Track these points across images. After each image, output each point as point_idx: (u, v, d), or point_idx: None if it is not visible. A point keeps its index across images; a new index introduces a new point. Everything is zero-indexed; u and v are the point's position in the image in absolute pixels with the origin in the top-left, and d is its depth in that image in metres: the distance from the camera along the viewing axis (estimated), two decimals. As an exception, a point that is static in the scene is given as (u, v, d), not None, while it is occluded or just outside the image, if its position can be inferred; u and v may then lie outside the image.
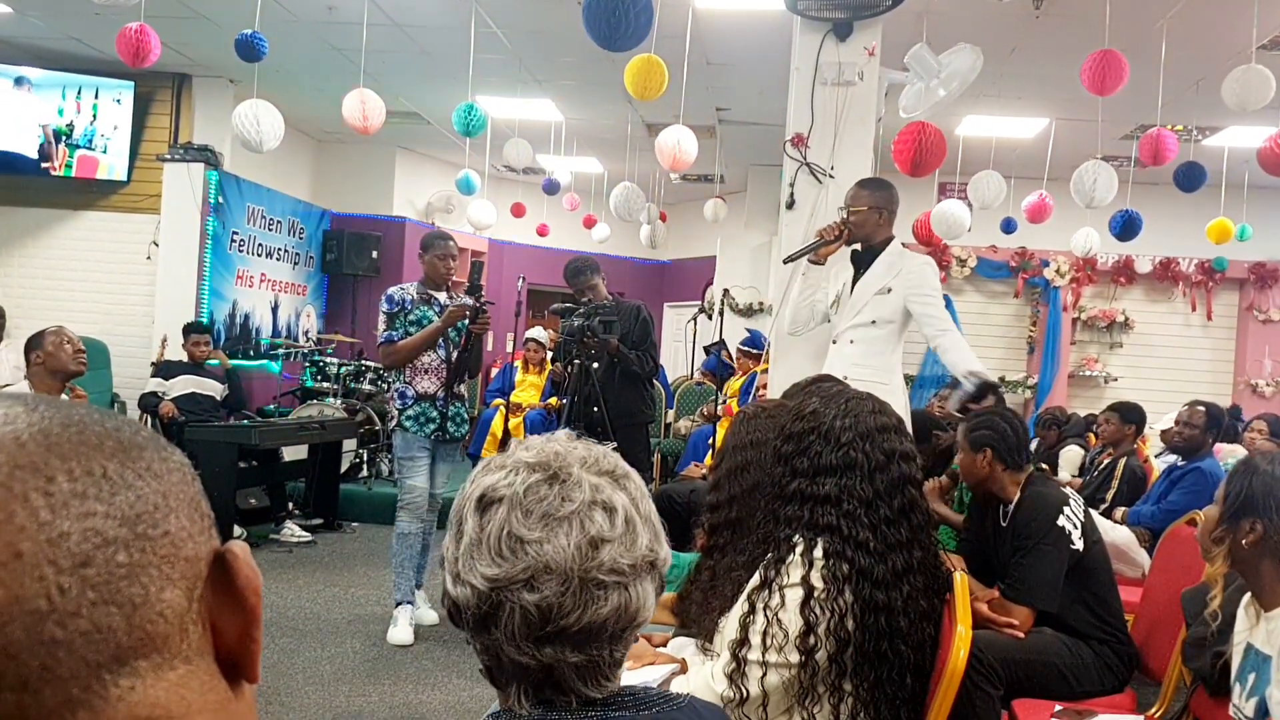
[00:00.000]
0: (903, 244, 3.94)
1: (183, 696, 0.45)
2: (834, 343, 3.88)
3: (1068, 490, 3.06)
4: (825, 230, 3.86)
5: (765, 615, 1.90)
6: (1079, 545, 2.85)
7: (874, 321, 3.74)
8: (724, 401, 7.12)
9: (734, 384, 7.55)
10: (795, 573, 1.91)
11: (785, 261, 4.10)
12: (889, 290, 3.73)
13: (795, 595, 1.89)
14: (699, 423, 7.56)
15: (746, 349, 7.66)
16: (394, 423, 4.63)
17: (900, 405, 3.63)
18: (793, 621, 1.87)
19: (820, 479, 1.98)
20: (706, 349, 8.27)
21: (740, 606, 1.96)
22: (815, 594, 1.88)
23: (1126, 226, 6.77)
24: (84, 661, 0.41)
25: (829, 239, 3.82)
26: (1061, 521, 2.84)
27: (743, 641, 1.90)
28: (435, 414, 4.56)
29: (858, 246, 3.87)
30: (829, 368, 3.73)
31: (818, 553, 1.92)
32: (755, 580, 1.97)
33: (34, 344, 3.99)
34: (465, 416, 4.79)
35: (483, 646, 1.04)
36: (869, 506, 1.96)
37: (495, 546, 1.01)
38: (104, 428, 0.46)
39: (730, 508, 2.32)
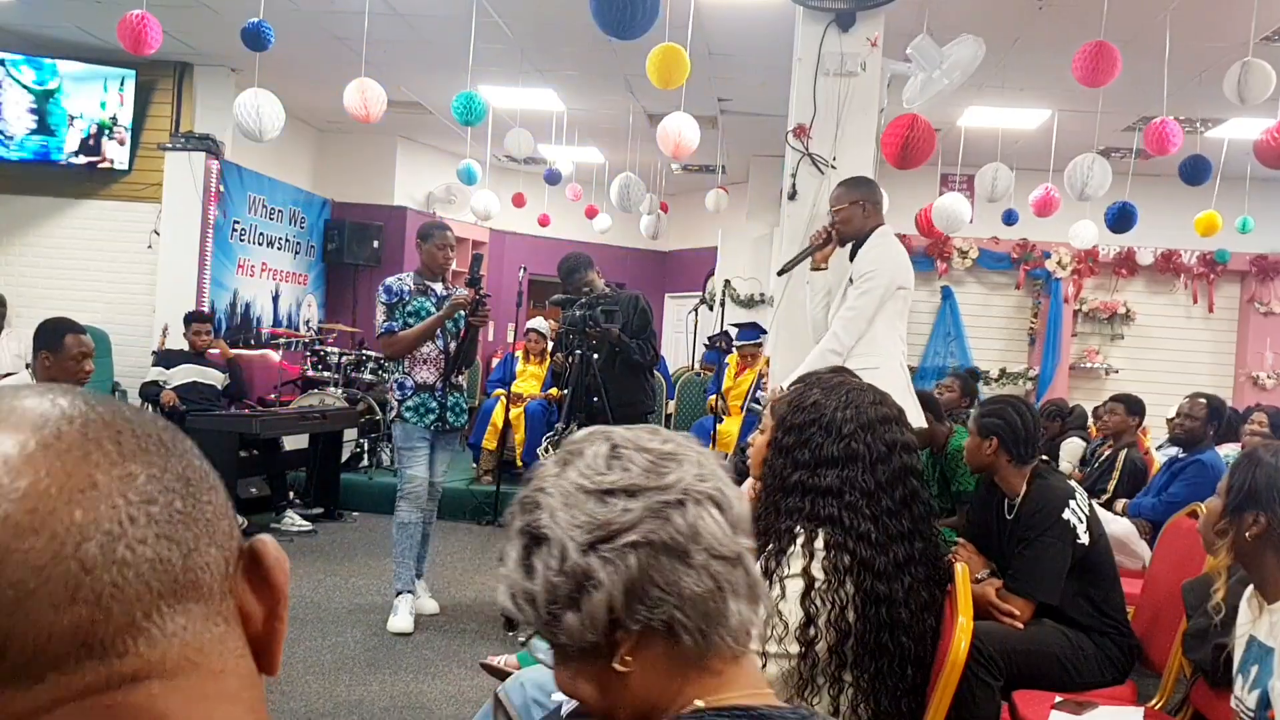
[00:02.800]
0: (902, 234, 3.92)
1: (222, 653, 0.49)
2: None
3: (1073, 484, 3.04)
4: (814, 236, 3.90)
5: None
6: (1085, 540, 2.83)
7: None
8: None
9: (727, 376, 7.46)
10: (796, 564, 1.91)
11: (779, 274, 4.11)
12: (851, 280, 3.75)
13: (796, 587, 1.89)
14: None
15: (744, 342, 7.40)
16: (394, 414, 4.64)
17: (901, 385, 3.61)
18: (793, 613, 1.87)
19: (821, 470, 1.98)
20: (710, 341, 8.19)
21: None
22: (816, 585, 1.88)
23: (1121, 218, 6.76)
24: (148, 586, 0.45)
25: (818, 244, 3.86)
26: (1067, 515, 2.82)
27: (743, 632, 1.90)
28: (435, 404, 4.57)
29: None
30: None
31: (818, 544, 1.92)
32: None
33: (51, 345, 3.59)
34: (464, 406, 4.80)
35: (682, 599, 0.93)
36: (870, 498, 1.95)
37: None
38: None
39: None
